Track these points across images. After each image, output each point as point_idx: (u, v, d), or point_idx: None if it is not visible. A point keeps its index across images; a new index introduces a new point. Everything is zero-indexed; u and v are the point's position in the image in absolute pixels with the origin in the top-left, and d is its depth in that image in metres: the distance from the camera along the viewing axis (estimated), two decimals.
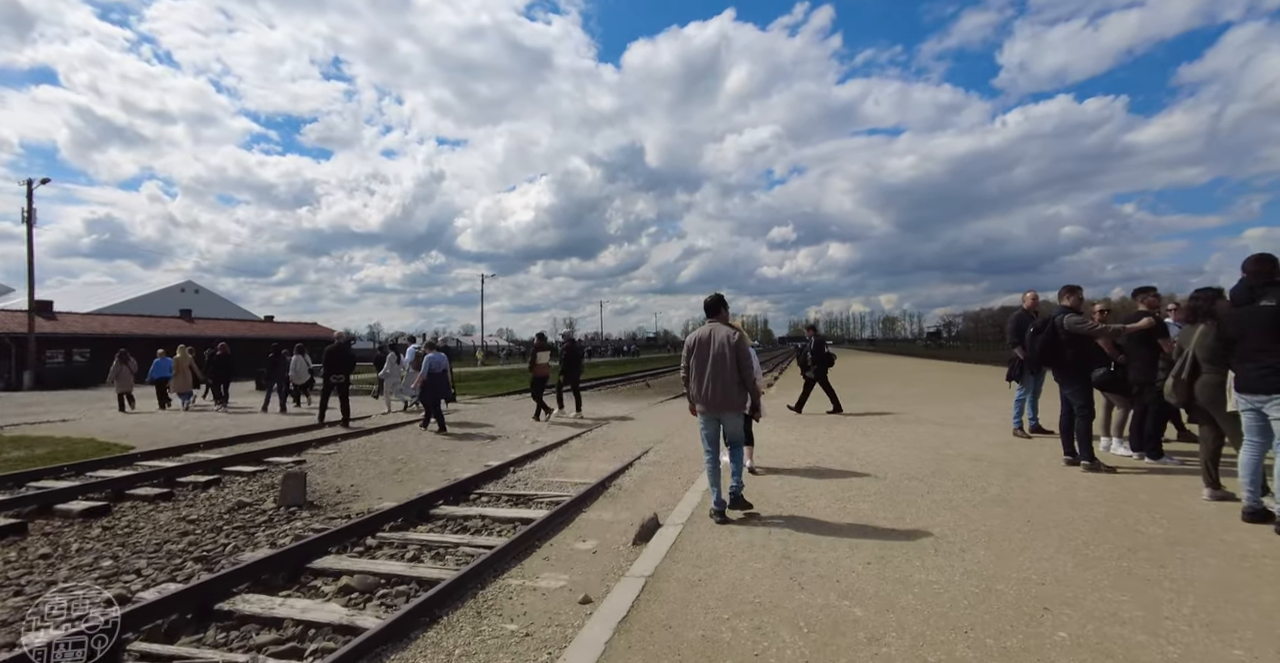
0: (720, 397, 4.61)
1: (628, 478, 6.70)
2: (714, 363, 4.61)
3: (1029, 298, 8.02)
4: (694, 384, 4.73)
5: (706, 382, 4.63)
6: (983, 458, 6.64)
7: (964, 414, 10.28)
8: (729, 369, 4.59)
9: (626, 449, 8.58)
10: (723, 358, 4.60)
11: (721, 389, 4.59)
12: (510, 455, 8.45)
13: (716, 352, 4.63)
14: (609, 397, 18.29)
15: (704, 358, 4.68)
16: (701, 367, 4.68)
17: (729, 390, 4.60)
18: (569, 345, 12.92)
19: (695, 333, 4.87)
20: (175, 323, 37.72)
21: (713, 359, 4.62)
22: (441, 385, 11.27)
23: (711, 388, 4.61)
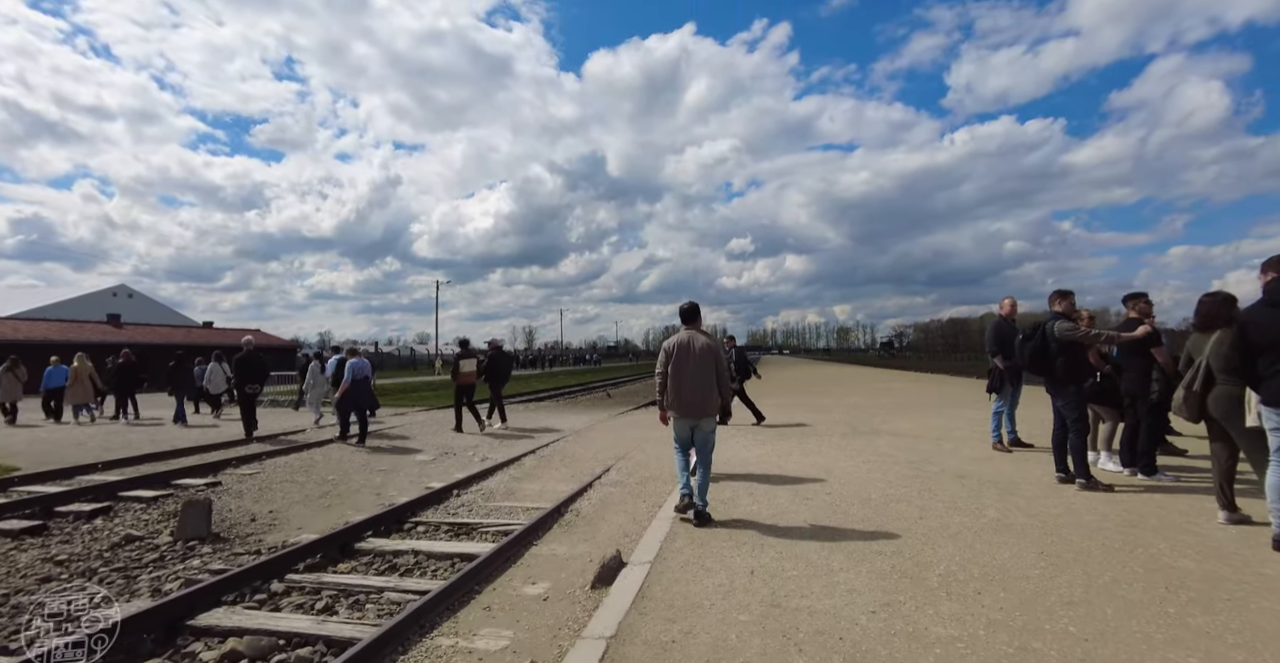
0: (700, 402, 4.74)
1: (586, 502, 6.00)
2: (694, 369, 4.73)
3: (1007, 305, 7.69)
4: (672, 390, 4.79)
5: (686, 387, 4.74)
6: (969, 475, 6.19)
7: (937, 426, 9.93)
8: (708, 375, 4.73)
9: (585, 467, 7.87)
10: (703, 364, 4.73)
11: (701, 394, 4.72)
12: (456, 475, 7.64)
13: (697, 358, 4.74)
14: (568, 408, 17.49)
15: (683, 364, 4.75)
16: (681, 372, 4.75)
17: (708, 396, 4.74)
18: (493, 354, 12.49)
19: (674, 339, 4.92)
20: (101, 329, 35.15)
21: (693, 365, 4.73)
22: (364, 394, 10.50)
23: (691, 393, 4.72)
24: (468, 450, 9.40)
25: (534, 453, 8.94)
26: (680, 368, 4.76)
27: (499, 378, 12.32)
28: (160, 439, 10.89)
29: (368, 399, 10.90)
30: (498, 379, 12.29)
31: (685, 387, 4.74)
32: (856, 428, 9.95)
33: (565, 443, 9.91)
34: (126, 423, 13.64)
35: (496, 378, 12.26)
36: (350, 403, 10.17)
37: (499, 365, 12.36)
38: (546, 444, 9.70)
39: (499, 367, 12.35)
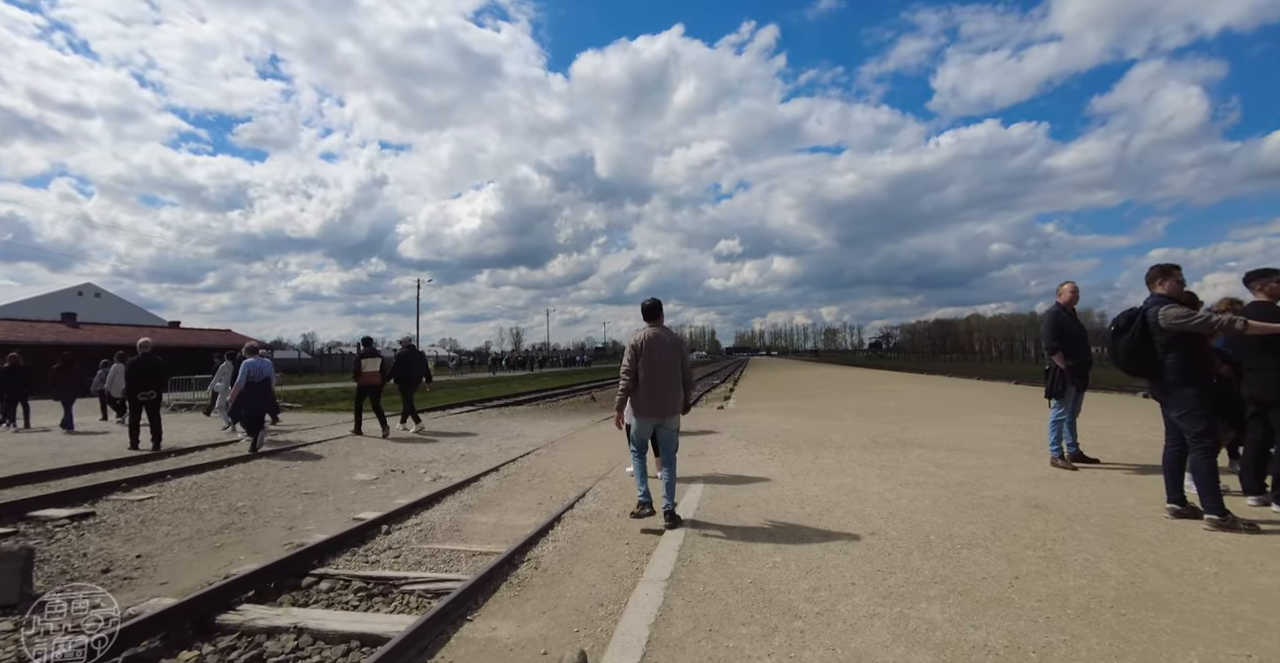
0: (669, 399, 4.66)
1: (551, 545, 4.55)
2: (664, 365, 4.63)
3: (1067, 291, 6.36)
4: (643, 387, 4.62)
5: (658, 385, 4.61)
6: (1044, 504, 4.83)
7: (968, 436, 8.60)
8: (677, 372, 4.70)
9: (557, 490, 6.44)
10: (672, 360, 4.68)
11: (670, 391, 4.65)
12: (396, 501, 6.18)
13: (667, 354, 4.66)
14: (548, 413, 15.98)
15: (654, 361, 4.62)
16: (651, 369, 4.61)
17: (676, 393, 4.70)
18: (403, 352, 11.47)
19: (641, 335, 4.72)
20: (56, 329, 33.11)
21: (663, 362, 4.63)
22: (261, 398, 9.28)
23: (662, 391, 4.62)
24: (419, 467, 7.91)
25: (498, 471, 7.48)
26: (652, 365, 4.60)
27: (408, 379, 11.35)
28: (40, 454, 9.29)
29: (266, 404, 9.65)
30: (407, 380, 11.32)
31: (657, 385, 4.61)
32: (877, 438, 8.59)
33: (538, 457, 8.45)
34: (14, 431, 12.14)
35: (405, 379, 11.29)
36: (246, 409, 9.07)
37: (408, 365, 11.36)
38: (515, 459, 8.23)
39: (408, 366, 11.35)
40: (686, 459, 7.60)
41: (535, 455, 8.49)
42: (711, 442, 8.79)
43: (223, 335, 42.54)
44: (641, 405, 4.65)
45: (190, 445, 9.65)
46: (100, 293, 61.32)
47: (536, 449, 9.00)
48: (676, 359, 4.69)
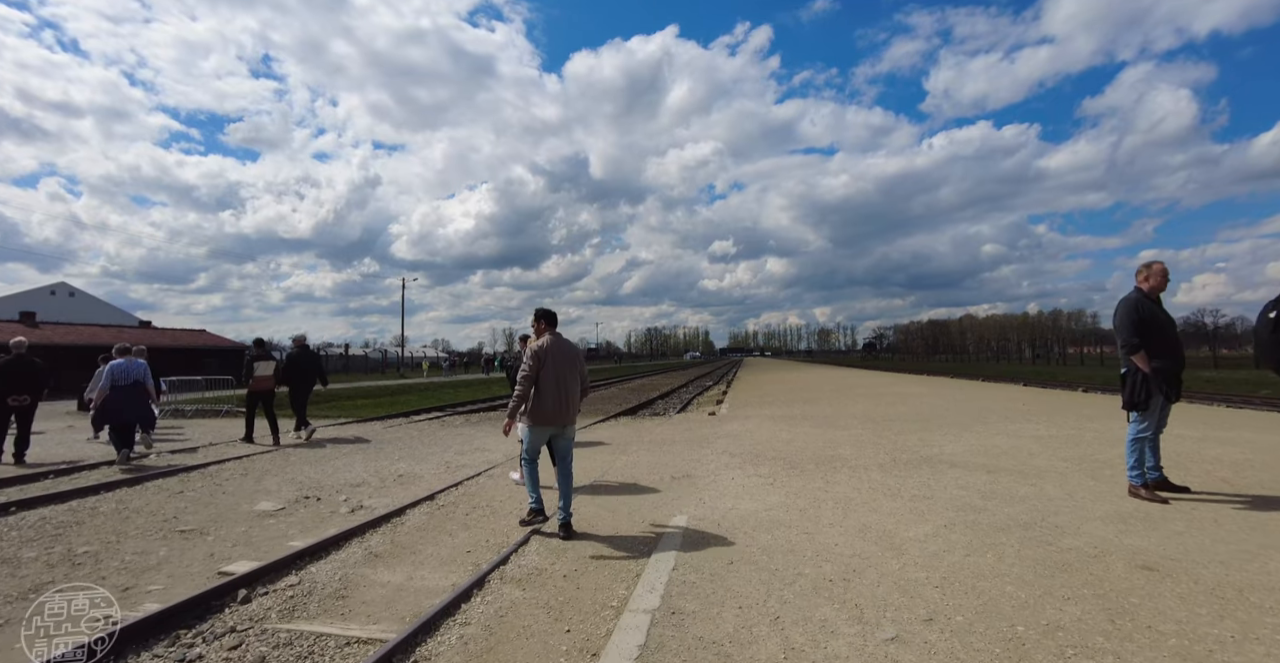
0: (569, 409, 4.66)
1: (459, 631, 3.14)
2: (566, 375, 4.62)
3: (1157, 272, 5.00)
4: (544, 396, 4.56)
5: (558, 393, 4.58)
6: (1156, 564, 3.45)
7: (1003, 451, 7.24)
8: (576, 380, 4.72)
9: (498, 530, 5.02)
10: (572, 369, 4.68)
11: (570, 400, 4.66)
12: (291, 543, 4.75)
13: (568, 363, 4.65)
14: None
15: (556, 369, 4.58)
16: (553, 378, 4.56)
17: (575, 401, 4.73)
18: (294, 352, 10.59)
19: (543, 343, 4.67)
20: (13, 328, 31.33)
21: (562, 372, 4.60)
22: (133, 404, 8.05)
23: (562, 399, 4.60)
24: (340, 493, 6.46)
25: (433, 499, 6.04)
26: (552, 373, 4.57)
27: (301, 381, 10.38)
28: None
29: (137, 412, 8.27)
30: (299, 383, 10.37)
31: (557, 393, 4.59)
32: (897, 455, 7.21)
33: (489, 480, 7.02)
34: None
35: (298, 381, 10.35)
36: (112, 418, 7.89)
37: (300, 366, 10.37)
38: (461, 481, 6.80)
39: (300, 367, 10.36)
40: (670, 481, 6.20)
41: (487, 477, 7.06)
42: (701, 459, 7.39)
43: (196, 336, 40.84)
44: (541, 414, 4.58)
45: (69, 463, 8.16)
46: (75, 292, 59.78)
47: (491, 468, 7.57)
48: (576, 368, 4.72)
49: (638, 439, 9.57)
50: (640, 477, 6.55)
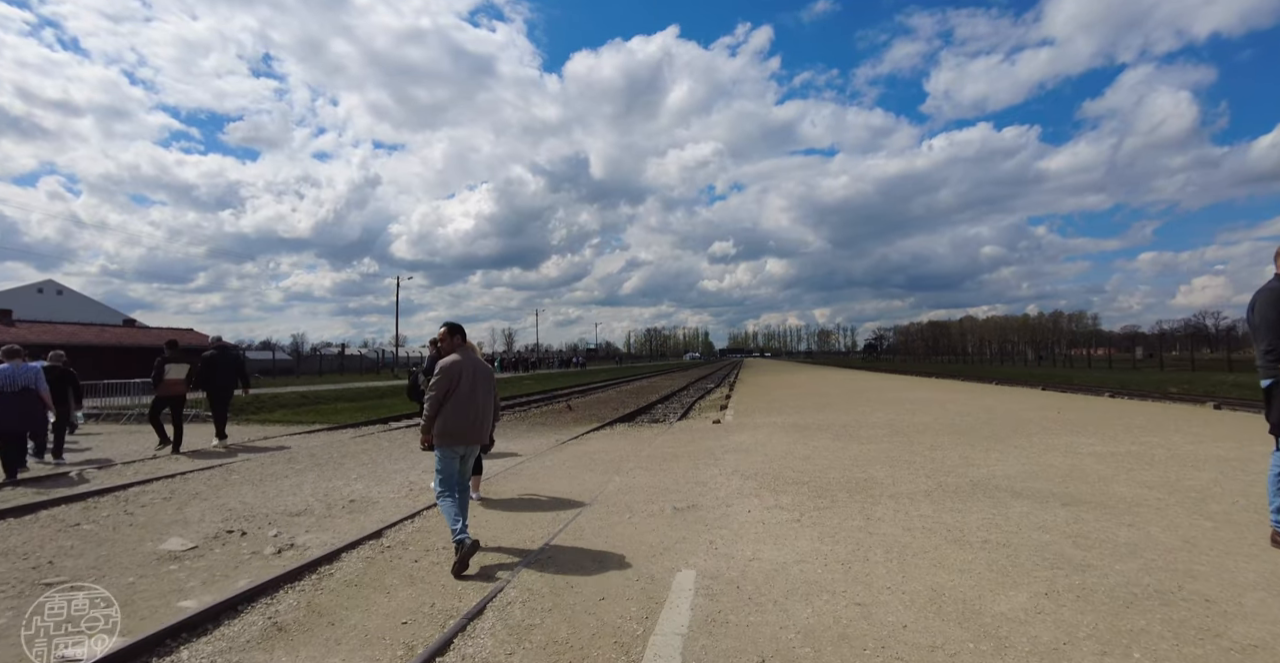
0: (480, 428, 4.43)
1: None
2: (477, 392, 4.39)
3: None
4: (453, 415, 4.27)
5: (469, 412, 4.32)
6: None
7: (1067, 473, 6.11)
8: (489, 398, 4.49)
9: (449, 586, 3.87)
10: (484, 386, 4.44)
11: (482, 419, 4.43)
12: (181, 603, 3.61)
13: (479, 380, 4.42)
14: (505, 428, 13.22)
15: (466, 386, 4.33)
16: (464, 396, 4.31)
17: (486, 421, 4.49)
18: (211, 355, 9.69)
19: (453, 358, 4.39)
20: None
21: (476, 388, 4.38)
22: (24, 414, 7.18)
23: (473, 418, 4.35)
24: (273, 525, 5.30)
25: (381, 537, 4.89)
26: (463, 392, 4.29)
27: (218, 385, 9.65)
28: None
29: (27, 423, 7.34)
30: (216, 387, 9.63)
31: (468, 411, 4.30)
32: (941, 479, 6.07)
33: None
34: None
35: (215, 385, 9.61)
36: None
37: (216, 369, 9.62)
38: (420, 510, 5.63)
39: (216, 370, 9.61)
40: (671, 515, 5.06)
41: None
42: (708, 483, 6.25)
43: (179, 335, 39.66)
44: (452, 434, 4.29)
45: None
46: (62, 290, 58.83)
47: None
48: (487, 385, 4.48)
49: (635, 453, 8.43)
50: (636, 506, 5.41)
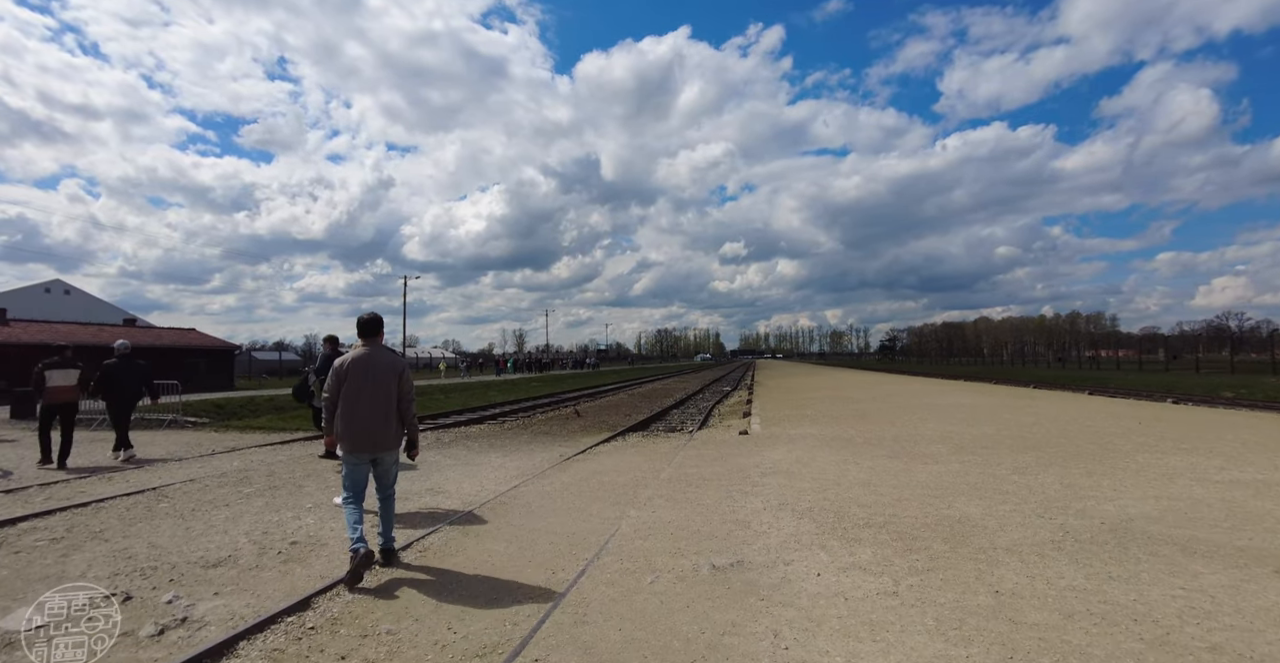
0: (380, 433, 4.01)
1: None
2: (374, 392, 4.00)
3: None
4: (344, 418, 3.97)
5: (361, 415, 3.97)
6: None
7: (1226, 510, 4.63)
8: (388, 400, 4.05)
9: None
10: (384, 387, 4.04)
11: (379, 424, 4.01)
12: None
13: (378, 379, 4.02)
14: (507, 438, 11.42)
15: (360, 386, 3.98)
16: (357, 397, 3.97)
17: (388, 425, 4.05)
18: (114, 363, 8.70)
19: (350, 355, 4.08)
20: None
21: (373, 388, 4.00)
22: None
23: (367, 422, 3.97)
24: (175, 583, 3.93)
25: (308, 608, 3.52)
26: (356, 393, 3.97)
27: (118, 395, 8.75)
28: None
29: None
30: (116, 396, 8.75)
31: (364, 416, 3.96)
32: (1064, 522, 4.61)
33: (420, 556, 4.51)
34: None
35: (114, 394, 8.73)
36: None
37: (117, 378, 8.71)
38: (336, 592, 4.27)
39: (117, 379, 8.70)
40: (710, 577, 3.66)
41: (419, 552, 4.52)
42: (752, 523, 4.83)
43: (183, 335, 38.76)
44: (345, 438, 3.96)
45: None
46: (70, 290, 58.70)
47: (433, 530, 5.04)
48: (391, 385, 4.05)
49: (653, 475, 7.04)
50: (660, 561, 4.02)
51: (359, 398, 3.97)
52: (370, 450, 4.02)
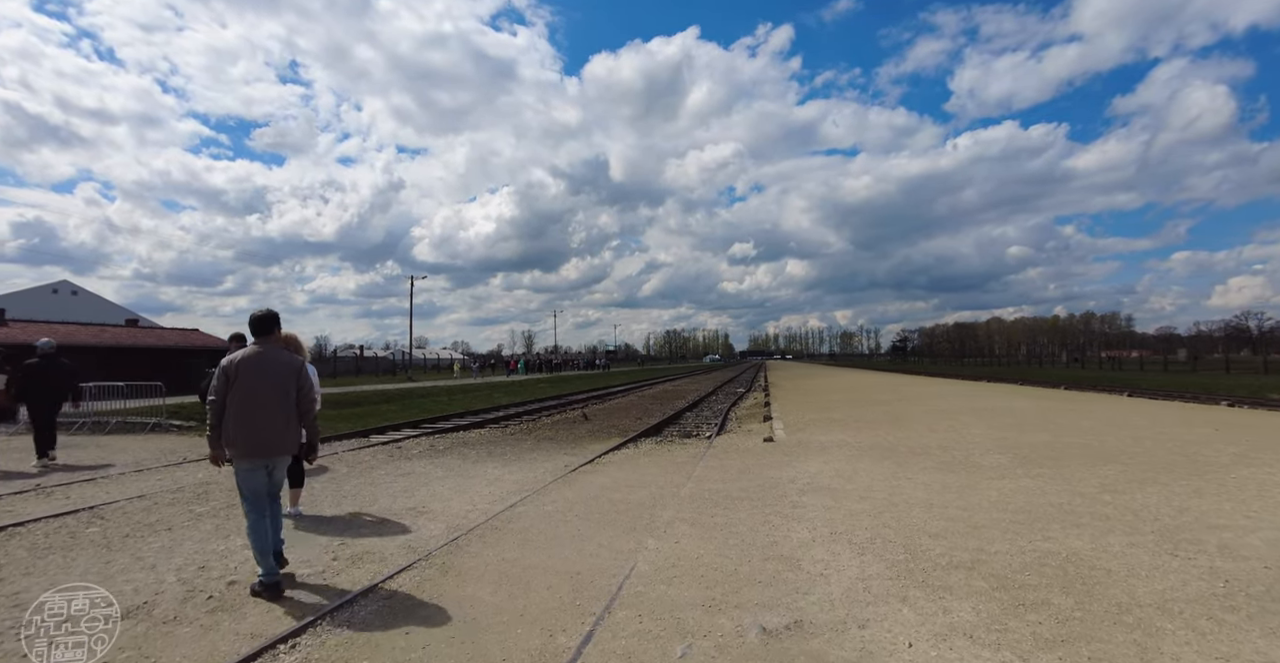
0: (271, 439, 3.63)
1: None
2: (270, 393, 3.63)
3: None
4: (237, 421, 3.54)
5: (259, 417, 3.58)
6: None
7: None
8: (289, 401, 3.70)
9: None
10: (282, 386, 3.67)
11: (276, 428, 3.64)
12: None
13: (274, 379, 3.66)
14: (508, 444, 10.44)
15: (253, 386, 3.58)
16: (251, 398, 3.57)
17: (286, 429, 3.69)
18: (36, 364, 8.11)
19: (239, 354, 3.66)
20: None
21: (269, 388, 3.63)
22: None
23: (265, 426, 3.59)
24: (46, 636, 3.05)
25: None
26: (250, 395, 3.57)
27: (40, 398, 8.14)
28: None
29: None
30: (37, 400, 8.13)
31: (255, 417, 3.57)
32: (1212, 565, 3.58)
33: (379, 623, 3.56)
34: None
35: (38, 398, 8.13)
36: None
37: (39, 380, 8.10)
38: (322, 615, 3.33)
39: (39, 381, 8.10)
40: (760, 647, 2.66)
41: (383, 600, 3.56)
42: (802, 560, 3.83)
43: (185, 335, 38.15)
44: (236, 444, 3.56)
45: None
46: (77, 290, 58.65)
47: (410, 567, 4.08)
48: (289, 384, 3.70)
49: (672, 491, 6.06)
50: (691, 618, 3.05)
51: (254, 400, 3.59)
52: (266, 456, 3.65)
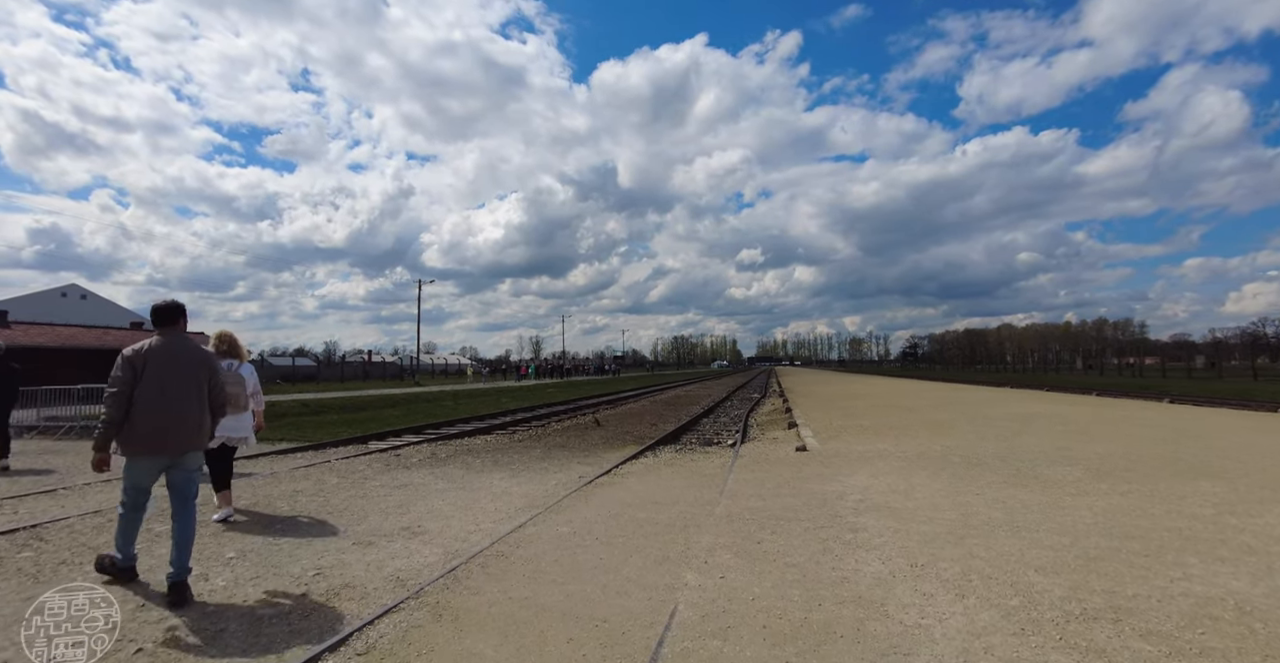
0: (183, 433, 3.42)
1: None
2: (182, 384, 3.42)
3: None
4: (146, 417, 3.29)
5: (168, 410, 3.36)
6: None
7: None
8: (201, 392, 3.53)
9: None
10: (193, 377, 3.49)
11: (183, 423, 3.43)
12: None
13: (184, 370, 3.47)
14: (517, 452, 9.56)
15: (162, 377, 3.37)
16: (159, 390, 3.33)
17: (192, 424, 3.48)
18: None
19: (145, 344, 3.43)
20: None
21: (180, 379, 3.43)
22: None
23: (173, 420, 3.37)
24: None
25: None
26: (157, 385, 3.33)
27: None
28: None
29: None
30: None
31: (163, 410, 3.34)
32: None
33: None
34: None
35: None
36: None
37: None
38: None
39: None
40: None
41: (354, 655, 2.80)
42: (887, 604, 3.00)
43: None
44: (137, 440, 3.31)
45: None
46: (86, 294, 58.77)
47: (397, 608, 3.31)
48: (200, 376, 3.52)
49: (705, 510, 5.26)
50: None
51: (163, 391, 3.34)
52: (175, 453, 3.42)
